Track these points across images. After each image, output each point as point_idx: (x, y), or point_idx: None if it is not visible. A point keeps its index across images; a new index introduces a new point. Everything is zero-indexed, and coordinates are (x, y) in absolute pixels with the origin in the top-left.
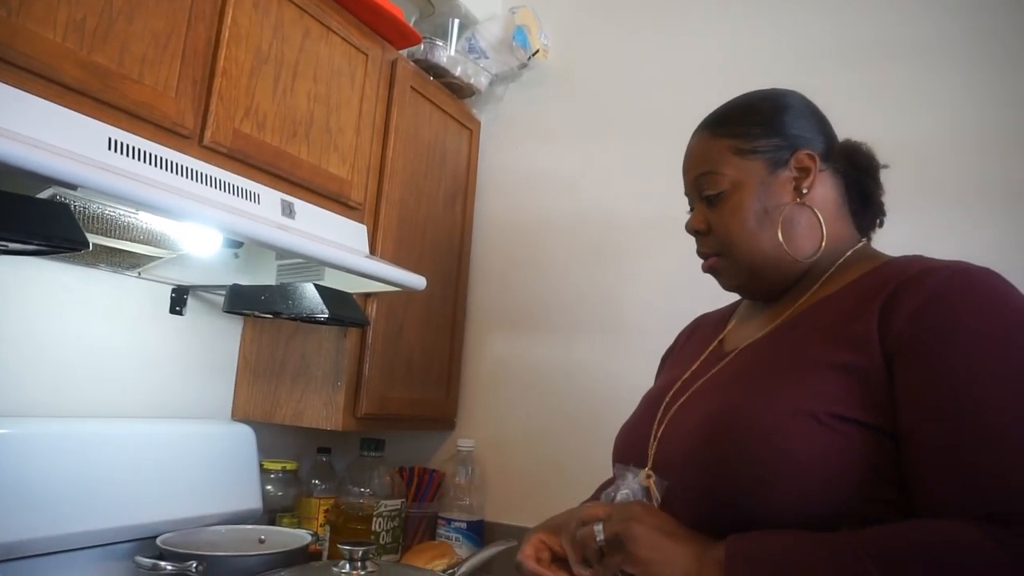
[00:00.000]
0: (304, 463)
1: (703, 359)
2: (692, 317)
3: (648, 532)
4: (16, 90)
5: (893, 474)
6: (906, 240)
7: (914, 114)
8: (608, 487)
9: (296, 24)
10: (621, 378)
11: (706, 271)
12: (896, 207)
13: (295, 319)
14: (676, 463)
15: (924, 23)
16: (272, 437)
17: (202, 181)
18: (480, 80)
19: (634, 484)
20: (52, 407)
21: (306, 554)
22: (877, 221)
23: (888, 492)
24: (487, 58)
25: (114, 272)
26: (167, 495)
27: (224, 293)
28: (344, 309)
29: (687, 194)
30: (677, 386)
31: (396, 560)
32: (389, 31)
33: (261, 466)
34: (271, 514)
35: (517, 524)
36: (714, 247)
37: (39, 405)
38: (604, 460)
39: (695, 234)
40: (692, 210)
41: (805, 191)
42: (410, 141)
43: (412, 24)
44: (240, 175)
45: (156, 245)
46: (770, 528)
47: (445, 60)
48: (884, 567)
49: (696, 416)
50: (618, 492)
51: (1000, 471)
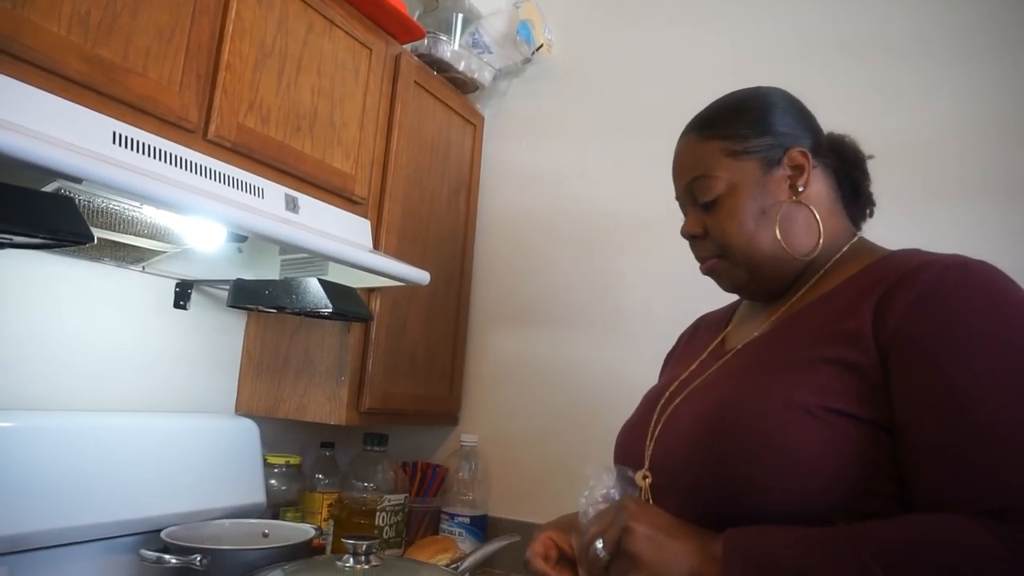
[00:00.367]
0: (308, 458)
1: (702, 359)
2: (697, 315)
3: (647, 535)
4: (20, 83)
5: (891, 468)
6: (908, 234)
7: (916, 106)
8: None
9: (300, 18)
10: (625, 374)
11: (705, 273)
12: (898, 201)
13: (299, 314)
14: (672, 461)
15: (925, 15)
16: (276, 432)
17: (206, 175)
18: (484, 75)
19: (610, 481)
20: (56, 401)
21: (310, 548)
22: (868, 211)
23: (887, 486)
24: (491, 53)
25: (118, 266)
26: (171, 489)
27: (228, 288)
28: (348, 304)
29: (679, 199)
30: (675, 385)
31: (399, 555)
32: (393, 25)
33: (265, 460)
34: (275, 508)
35: (520, 519)
36: (712, 249)
37: (43, 399)
38: (607, 456)
39: (691, 239)
40: (685, 215)
41: (801, 189)
42: (414, 136)
43: (416, 18)
44: (244, 169)
45: (160, 239)
46: (767, 523)
47: (449, 55)
48: (884, 562)
49: (692, 415)
50: (593, 492)
51: (998, 467)
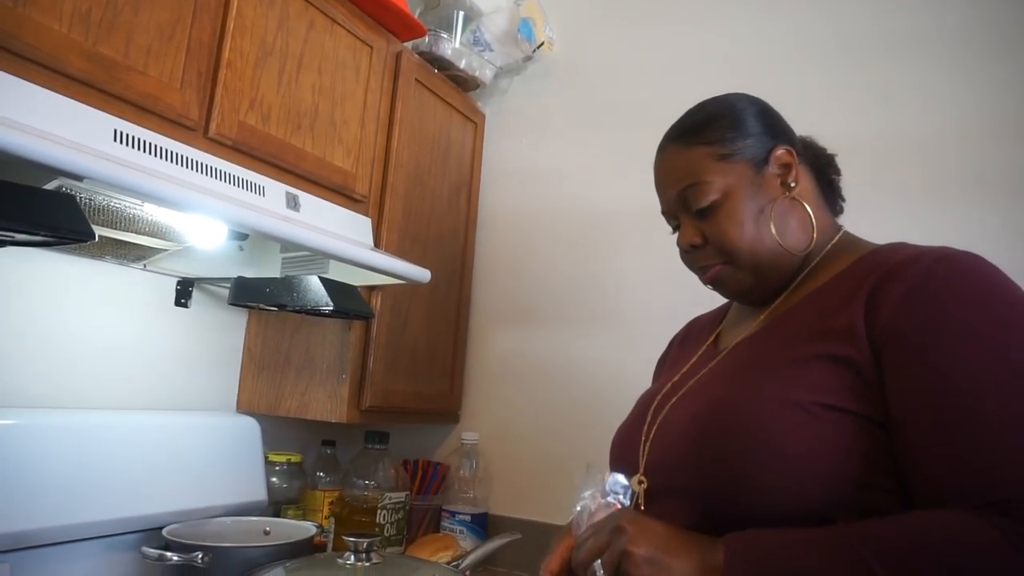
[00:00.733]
0: (309, 455)
1: (695, 360)
2: (697, 313)
3: (647, 558)
4: (22, 81)
5: (888, 463)
6: (908, 234)
7: (915, 106)
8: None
9: (301, 16)
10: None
11: (708, 282)
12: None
13: (300, 312)
14: (668, 462)
15: (924, 14)
16: (277, 429)
17: (207, 173)
18: (485, 73)
19: (602, 487)
20: (58, 399)
21: (311, 546)
22: (839, 206)
23: (884, 480)
24: (492, 51)
25: (119, 264)
26: (173, 487)
27: (229, 286)
28: (349, 302)
29: (666, 212)
30: (668, 387)
31: (400, 552)
32: (394, 23)
33: (266, 458)
34: (276, 506)
35: (521, 517)
36: (714, 257)
37: (45, 397)
38: (605, 455)
39: (690, 250)
40: (678, 226)
41: (793, 185)
42: (414, 134)
43: (417, 16)
44: (245, 167)
45: (161, 237)
46: (766, 521)
47: (450, 52)
48: (885, 560)
49: (686, 415)
50: (585, 502)
51: (996, 462)
